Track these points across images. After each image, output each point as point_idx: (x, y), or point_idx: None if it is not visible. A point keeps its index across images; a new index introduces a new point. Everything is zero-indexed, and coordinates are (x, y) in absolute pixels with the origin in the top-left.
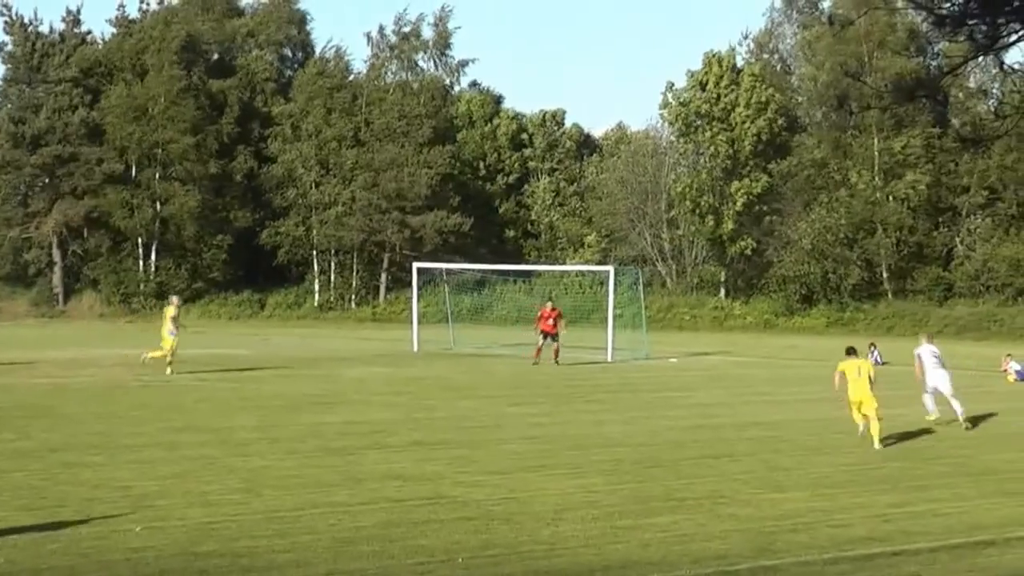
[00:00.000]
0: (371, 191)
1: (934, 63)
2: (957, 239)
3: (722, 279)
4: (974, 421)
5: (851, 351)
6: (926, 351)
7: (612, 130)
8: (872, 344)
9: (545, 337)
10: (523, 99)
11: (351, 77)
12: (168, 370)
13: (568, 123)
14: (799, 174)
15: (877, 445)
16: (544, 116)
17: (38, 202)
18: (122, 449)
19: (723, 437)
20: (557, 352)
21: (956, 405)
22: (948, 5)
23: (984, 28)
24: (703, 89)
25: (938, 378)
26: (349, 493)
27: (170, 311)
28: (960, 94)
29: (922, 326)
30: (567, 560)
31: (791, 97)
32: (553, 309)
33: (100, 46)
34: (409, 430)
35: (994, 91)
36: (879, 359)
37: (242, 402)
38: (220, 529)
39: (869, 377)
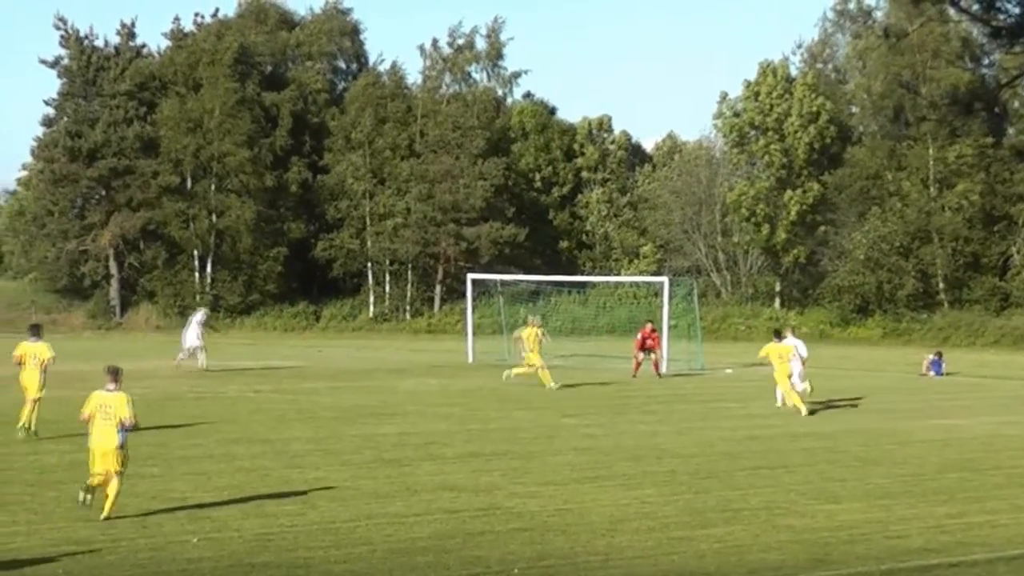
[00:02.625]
0: (426, 203)
1: (988, 73)
2: (1013, 248)
3: (777, 289)
4: None
5: (778, 334)
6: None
7: (663, 140)
8: (939, 352)
9: (646, 353)
10: (574, 109)
11: (405, 89)
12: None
13: (616, 131)
14: (853, 184)
15: (804, 412)
16: (590, 124)
17: (95, 215)
18: (178, 461)
19: (778, 448)
20: (657, 365)
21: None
22: (1003, 17)
23: None
24: (756, 99)
25: (794, 368)
26: (404, 504)
27: None
28: (1016, 103)
29: (978, 336)
30: (622, 571)
31: (845, 107)
32: (653, 330)
33: (155, 59)
34: (463, 441)
35: None
36: (942, 369)
37: (297, 414)
38: (276, 540)
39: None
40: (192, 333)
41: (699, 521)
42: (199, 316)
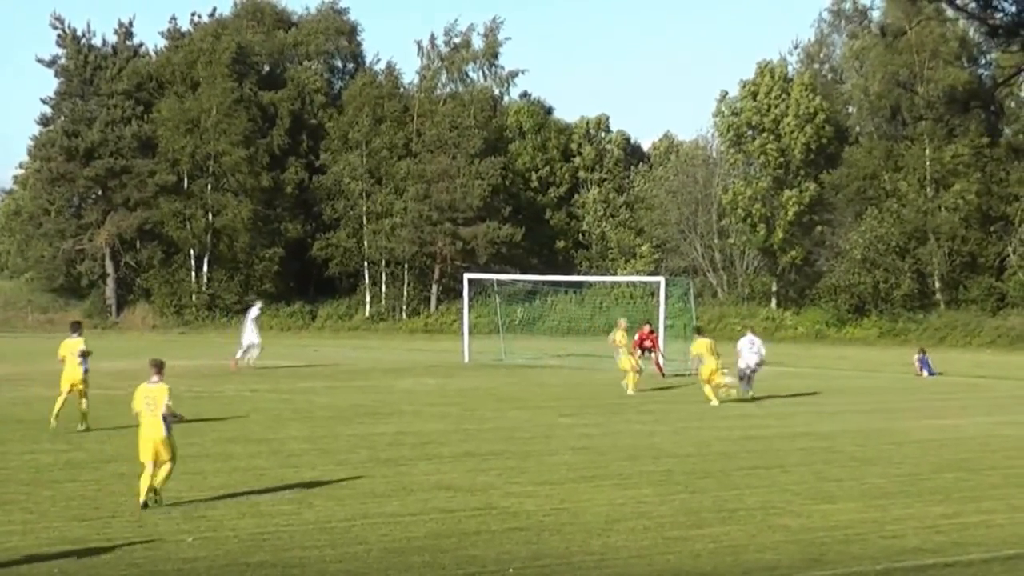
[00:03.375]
0: (422, 202)
1: (985, 73)
2: (1009, 248)
3: (773, 289)
4: None
5: (699, 331)
6: (747, 339)
7: (660, 140)
8: (922, 350)
9: (643, 352)
10: (571, 109)
11: (401, 89)
12: None
13: (613, 130)
14: (850, 184)
15: (715, 400)
16: (588, 123)
17: (91, 214)
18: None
19: (774, 448)
20: (660, 365)
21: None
22: (1000, 15)
23: None
24: (755, 99)
25: (750, 359)
26: (400, 503)
27: None
28: (1012, 103)
29: (974, 336)
30: (617, 571)
31: (841, 107)
32: (651, 331)
33: (152, 59)
34: (460, 441)
35: None
36: (930, 368)
37: (293, 413)
38: (271, 539)
39: (715, 352)
40: (249, 329)
41: (695, 521)
42: (254, 311)
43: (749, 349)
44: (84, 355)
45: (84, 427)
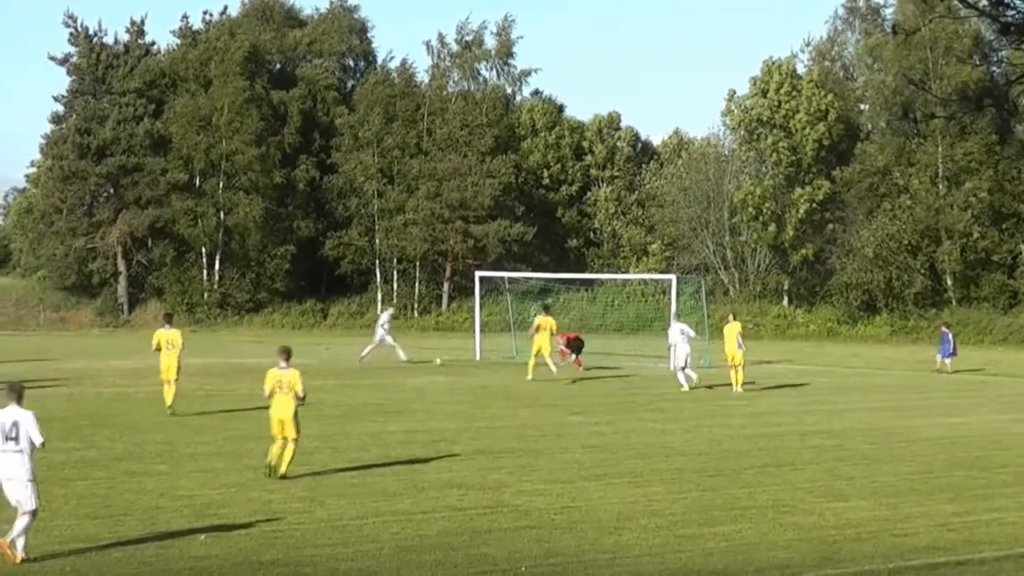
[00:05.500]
0: (434, 200)
1: (998, 70)
2: (1022, 246)
3: (785, 287)
4: None
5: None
6: (676, 329)
7: (670, 136)
8: (946, 324)
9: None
10: (582, 106)
11: (413, 87)
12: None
13: (623, 127)
14: (862, 181)
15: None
16: (600, 121)
17: (103, 212)
18: (186, 458)
19: (785, 446)
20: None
21: (685, 375)
22: (1013, 13)
23: None
24: (764, 96)
25: (682, 354)
26: (411, 502)
27: None
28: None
29: (986, 334)
30: (629, 569)
31: (853, 104)
32: (577, 336)
33: (164, 57)
34: (471, 439)
35: None
36: (950, 348)
37: (304, 411)
38: (284, 538)
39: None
40: (381, 332)
41: (706, 519)
42: (384, 317)
43: (683, 339)
44: (178, 352)
45: (170, 411)
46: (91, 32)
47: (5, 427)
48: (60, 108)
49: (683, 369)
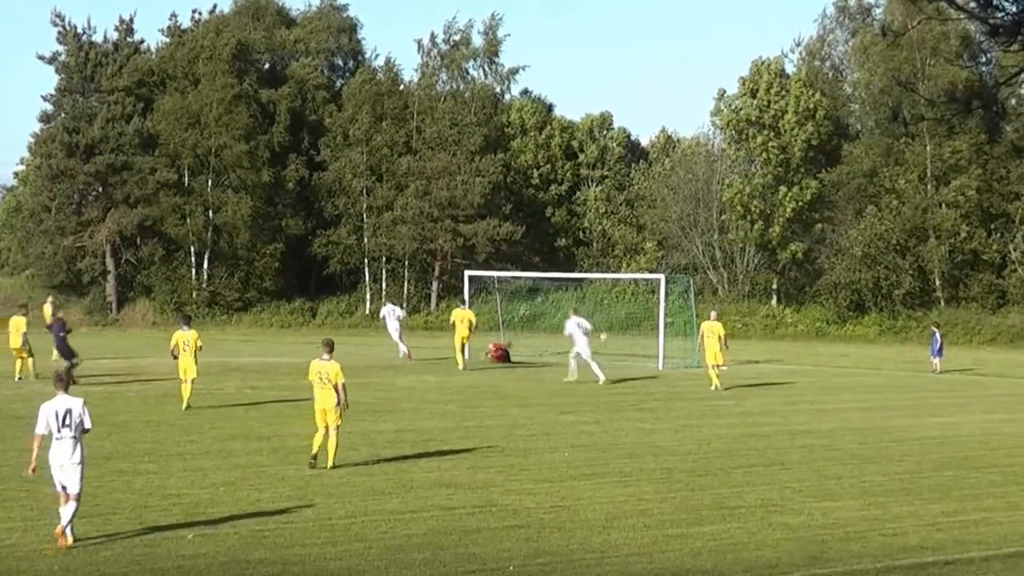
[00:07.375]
0: (423, 199)
1: (986, 70)
2: (1010, 245)
3: (774, 287)
4: None
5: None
6: (572, 322)
7: (658, 135)
8: (936, 324)
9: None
10: (572, 105)
11: (401, 86)
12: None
13: (616, 127)
14: (850, 181)
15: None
16: (591, 121)
17: (92, 211)
18: (174, 457)
19: (774, 446)
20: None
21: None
22: (1001, 15)
23: None
24: (753, 96)
25: (582, 345)
26: (400, 501)
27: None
28: (1014, 101)
29: (975, 334)
30: (618, 568)
31: (842, 104)
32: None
33: (153, 55)
34: (460, 438)
35: None
36: (938, 348)
37: (293, 410)
38: (272, 537)
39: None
40: (395, 324)
41: (695, 518)
42: (398, 311)
43: (579, 331)
44: (195, 353)
45: (186, 406)
46: (79, 31)
47: (59, 414)
48: (48, 107)
49: (575, 356)
